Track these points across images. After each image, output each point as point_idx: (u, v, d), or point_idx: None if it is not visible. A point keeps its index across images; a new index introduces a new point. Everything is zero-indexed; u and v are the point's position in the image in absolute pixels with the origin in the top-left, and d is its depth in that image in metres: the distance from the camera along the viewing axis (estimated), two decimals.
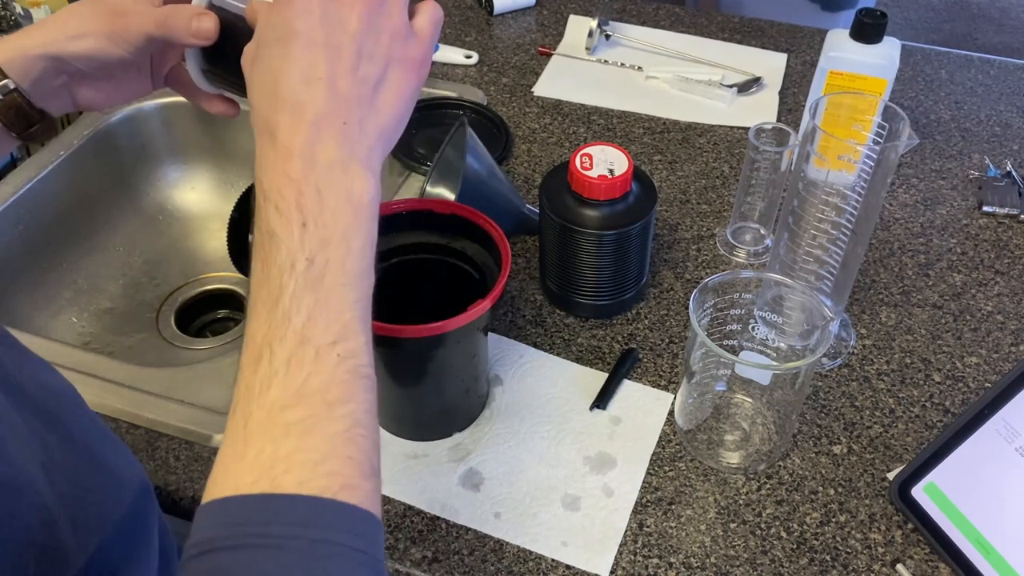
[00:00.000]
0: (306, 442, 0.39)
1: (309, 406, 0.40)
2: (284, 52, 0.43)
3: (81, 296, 1.03)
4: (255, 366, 0.40)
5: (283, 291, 0.41)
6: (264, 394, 0.40)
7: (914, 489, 0.66)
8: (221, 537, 0.38)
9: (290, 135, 0.42)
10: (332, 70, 0.43)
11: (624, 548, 0.66)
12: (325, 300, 0.41)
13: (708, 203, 0.97)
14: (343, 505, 0.38)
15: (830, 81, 0.88)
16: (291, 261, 0.41)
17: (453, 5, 1.29)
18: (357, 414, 0.41)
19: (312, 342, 0.40)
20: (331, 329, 0.41)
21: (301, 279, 0.41)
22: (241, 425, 0.40)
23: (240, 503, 0.38)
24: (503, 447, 0.73)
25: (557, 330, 0.83)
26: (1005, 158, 1.02)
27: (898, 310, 0.85)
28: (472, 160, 0.84)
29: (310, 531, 0.37)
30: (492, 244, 0.69)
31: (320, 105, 0.43)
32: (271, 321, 0.41)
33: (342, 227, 0.42)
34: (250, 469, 0.39)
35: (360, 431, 0.41)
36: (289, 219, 0.41)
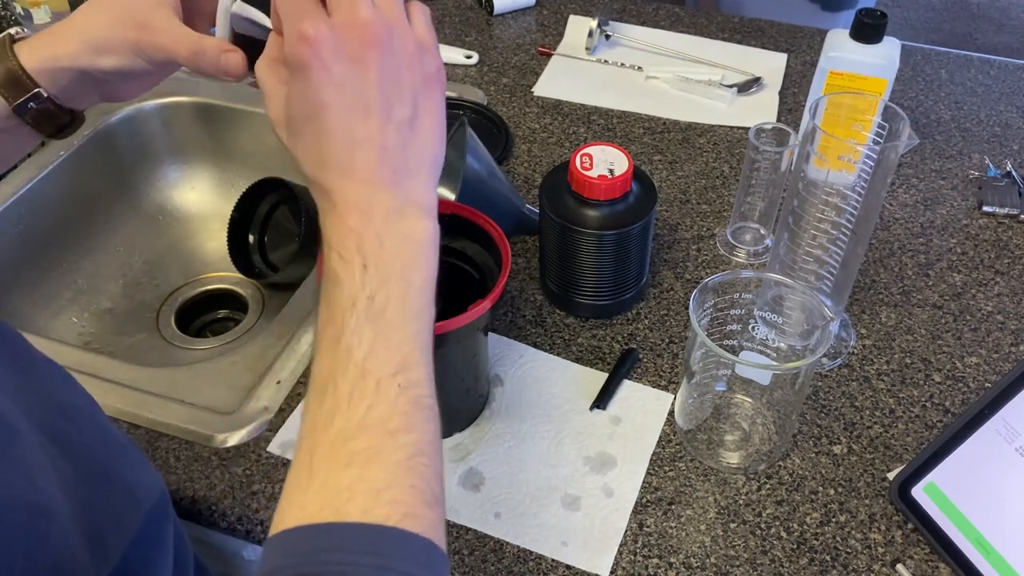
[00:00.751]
0: (368, 471, 0.40)
1: (371, 436, 0.41)
2: (319, 127, 0.44)
3: (81, 296, 1.03)
4: (320, 401, 0.42)
5: (344, 327, 0.42)
6: (328, 427, 0.41)
7: (914, 489, 0.66)
8: (288, 566, 0.38)
9: (344, 195, 0.44)
10: (369, 129, 0.44)
11: (624, 548, 0.66)
12: (386, 334, 0.43)
13: (708, 203, 0.97)
14: (405, 533, 0.39)
15: (830, 81, 0.88)
16: (352, 300, 0.43)
17: (453, 5, 1.29)
18: (419, 443, 0.42)
19: (373, 374, 0.42)
20: (392, 361, 0.42)
21: (362, 315, 0.43)
22: (307, 459, 0.41)
23: (305, 532, 0.39)
24: (503, 447, 0.73)
25: (557, 330, 0.83)
26: (1005, 158, 1.02)
27: (898, 310, 0.85)
28: (472, 160, 0.84)
29: (375, 559, 0.38)
30: (492, 244, 0.69)
31: (368, 164, 0.44)
32: (334, 357, 0.42)
33: (401, 266, 0.44)
34: (314, 500, 0.40)
35: (422, 460, 0.42)
36: (350, 263, 0.43)
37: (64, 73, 0.56)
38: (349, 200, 0.44)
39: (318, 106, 0.44)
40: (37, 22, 1.16)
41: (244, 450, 0.72)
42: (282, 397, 0.76)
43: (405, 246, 0.44)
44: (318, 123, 0.44)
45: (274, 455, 0.72)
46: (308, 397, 0.43)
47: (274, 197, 1.07)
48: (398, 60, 0.44)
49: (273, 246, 1.08)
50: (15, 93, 0.55)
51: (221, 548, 0.75)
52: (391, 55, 0.44)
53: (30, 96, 0.55)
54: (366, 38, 0.43)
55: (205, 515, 0.70)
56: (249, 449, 0.73)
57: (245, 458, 0.72)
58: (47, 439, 0.46)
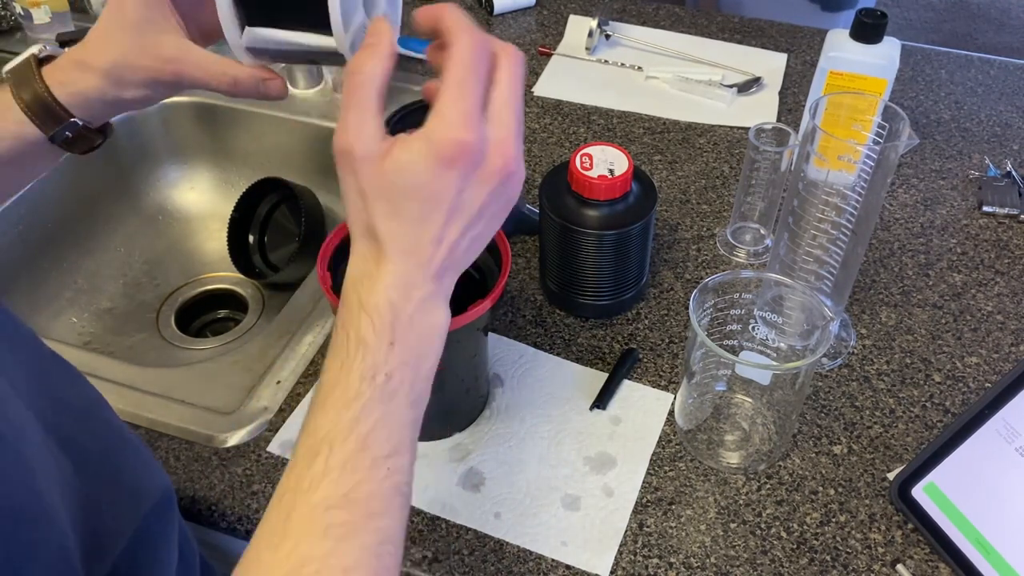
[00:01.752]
0: (341, 547, 0.41)
1: (352, 512, 0.42)
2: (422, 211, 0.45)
3: (81, 296, 1.03)
4: (310, 461, 0.42)
5: (359, 396, 0.43)
6: (312, 491, 0.42)
7: (914, 489, 0.66)
8: None
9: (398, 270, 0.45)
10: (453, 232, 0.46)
11: (624, 548, 0.66)
12: (391, 414, 0.44)
13: (708, 203, 0.97)
14: None
15: (830, 81, 0.88)
16: (373, 372, 0.44)
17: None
18: (390, 531, 0.43)
19: (371, 451, 0.43)
20: (389, 443, 0.44)
21: (378, 391, 0.44)
22: (283, 517, 0.42)
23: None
24: (503, 447, 0.73)
25: (557, 330, 0.83)
26: (1005, 158, 1.02)
27: (898, 310, 0.85)
28: None
29: None
30: (492, 244, 0.69)
31: (434, 257, 0.46)
32: (338, 421, 0.43)
33: (420, 352, 0.46)
34: (283, 564, 0.40)
35: (390, 548, 0.43)
36: (381, 335, 0.44)
37: (94, 104, 0.56)
38: (399, 273, 0.45)
39: (433, 194, 0.44)
40: (37, 22, 1.16)
41: (244, 450, 0.73)
42: (282, 397, 0.76)
43: (428, 333, 0.46)
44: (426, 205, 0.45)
45: (274, 455, 0.72)
46: (297, 450, 0.44)
47: (274, 197, 1.07)
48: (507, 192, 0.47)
49: (273, 246, 1.08)
50: (49, 122, 0.55)
51: (221, 548, 0.75)
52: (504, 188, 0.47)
53: (65, 125, 0.56)
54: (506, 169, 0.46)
55: (205, 515, 0.70)
56: (249, 449, 0.73)
57: (245, 458, 0.72)
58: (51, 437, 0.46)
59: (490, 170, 0.45)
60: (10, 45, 1.17)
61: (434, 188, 0.44)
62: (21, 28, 1.19)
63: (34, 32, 1.17)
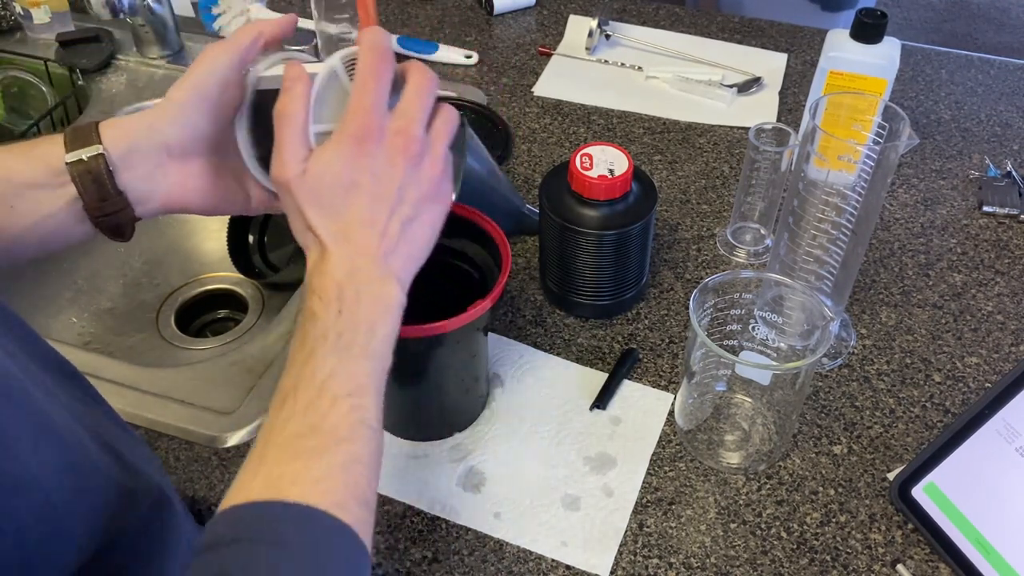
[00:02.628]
0: (312, 464, 0.45)
1: (320, 438, 0.46)
2: (346, 200, 0.51)
3: (81, 296, 1.03)
4: (279, 409, 0.48)
5: (313, 354, 0.48)
6: (284, 427, 0.47)
7: (914, 489, 0.66)
8: (228, 534, 0.43)
9: (340, 257, 0.51)
10: (378, 215, 0.52)
11: (624, 548, 0.66)
12: (347, 364, 0.49)
13: (708, 203, 0.97)
14: (334, 519, 0.44)
15: (830, 81, 0.88)
16: (324, 334, 0.49)
17: (453, 5, 1.29)
18: (359, 454, 0.48)
19: (330, 392, 0.48)
20: (348, 384, 0.48)
21: (331, 346, 0.49)
22: (260, 451, 0.47)
23: (248, 508, 0.44)
24: (503, 447, 0.73)
25: (557, 330, 0.83)
26: (1005, 158, 1.02)
27: (898, 310, 0.85)
28: (472, 160, 0.84)
29: (307, 532, 0.43)
30: (492, 244, 0.69)
31: (368, 240, 0.52)
32: (300, 373, 0.48)
33: (370, 319, 0.50)
34: (261, 483, 0.45)
35: (359, 468, 0.47)
36: (328, 306, 0.50)
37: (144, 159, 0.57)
38: (342, 259, 0.51)
39: (352, 183, 0.51)
40: (37, 22, 1.16)
41: (244, 450, 0.72)
42: None
43: (377, 305, 0.51)
44: (348, 196, 0.51)
45: None
46: (270, 407, 0.49)
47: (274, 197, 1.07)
48: (420, 175, 0.53)
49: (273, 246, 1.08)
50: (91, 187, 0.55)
51: None
52: (417, 169, 0.53)
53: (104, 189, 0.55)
54: (408, 149, 0.52)
55: (205, 515, 0.70)
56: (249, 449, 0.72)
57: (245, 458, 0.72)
58: None
59: (394, 149, 0.52)
60: (10, 45, 1.17)
61: (350, 176, 0.51)
62: (21, 28, 1.19)
63: (34, 32, 1.18)
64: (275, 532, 0.43)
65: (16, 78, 1.16)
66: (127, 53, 1.17)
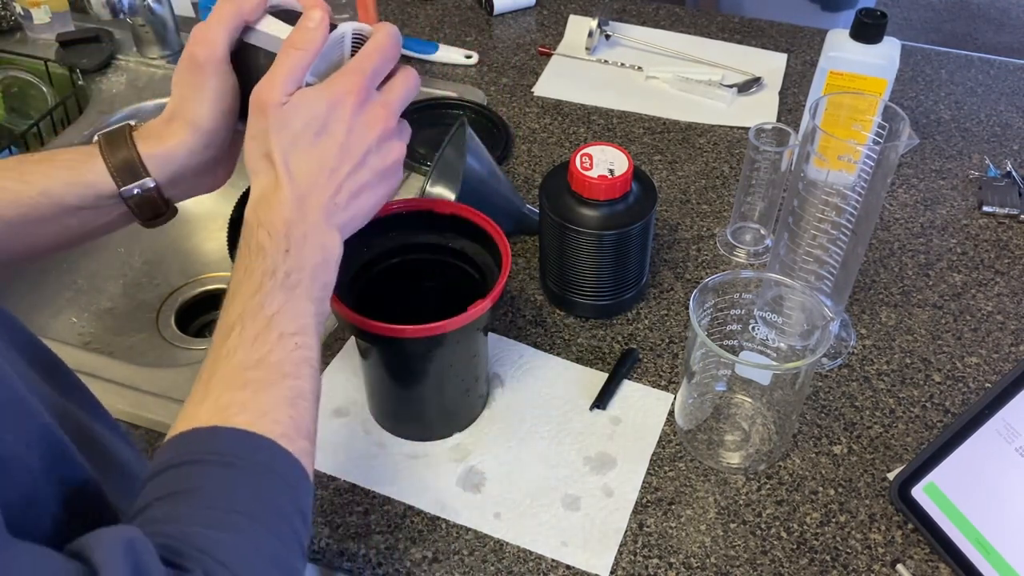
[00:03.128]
0: (259, 396, 0.47)
1: (267, 371, 0.48)
2: (315, 142, 0.53)
3: (81, 296, 1.03)
4: (225, 338, 0.49)
5: (262, 287, 0.50)
6: (230, 358, 0.48)
7: (914, 489, 0.66)
8: (176, 458, 0.45)
9: (292, 195, 0.52)
10: (340, 170, 0.54)
11: (624, 548, 0.66)
12: (293, 303, 0.50)
13: (708, 203, 0.97)
14: (281, 448, 0.46)
15: (830, 81, 0.88)
16: (273, 269, 0.50)
17: (453, 5, 1.29)
18: (303, 389, 0.49)
19: (277, 328, 0.49)
20: (294, 323, 0.50)
21: (278, 283, 0.50)
22: (205, 381, 0.48)
23: (196, 433, 0.46)
24: (503, 447, 0.73)
25: (557, 330, 0.83)
26: (1005, 158, 1.02)
27: (898, 310, 0.85)
28: (472, 160, 0.84)
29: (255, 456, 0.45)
30: (492, 244, 0.69)
31: (324, 193, 0.53)
32: (247, 306, 0.49)
33: (313, 264, 0.52)
34: (207, 411, 0.46)
35: (303, 402, 0.49)
36: (277, 243, 0.51)
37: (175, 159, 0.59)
38: (294, 197, 0.52)
39: (324, 127, 0.53)
40: (37, 22, 1.16)
41: None
42: None
43: (320, 252, 0.53)
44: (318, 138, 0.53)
45: None
46: (214, 338, 0.50)
47: None
48: (388, 149, 0.56)
49: None
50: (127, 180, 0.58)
51: None
52: (387, 143, 0.56)
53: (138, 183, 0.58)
54: (387, 123, 0.55)
55: None
56: None
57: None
58: None
59: (374, 117, 0.54)
60: (10, 45, 1.17)
61: (327, 120, 0.52)
62: (21, 28, 1.19)
63: (34, 32, 1.18)
64: (224, 454, 0.44)
65: (16, 78, 1.16)
66: (127, 53, 1.17)
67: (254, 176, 0.54)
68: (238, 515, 0.43)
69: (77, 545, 0.39)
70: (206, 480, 0.44)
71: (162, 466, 0.44)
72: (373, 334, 0.63)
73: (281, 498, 0.45)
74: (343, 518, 0.68)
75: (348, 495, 0.70)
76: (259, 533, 0.43)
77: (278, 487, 0.45)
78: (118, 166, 0.57)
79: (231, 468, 0.44)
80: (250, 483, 0.44)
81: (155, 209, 0.60)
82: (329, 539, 0.67)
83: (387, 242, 0.73)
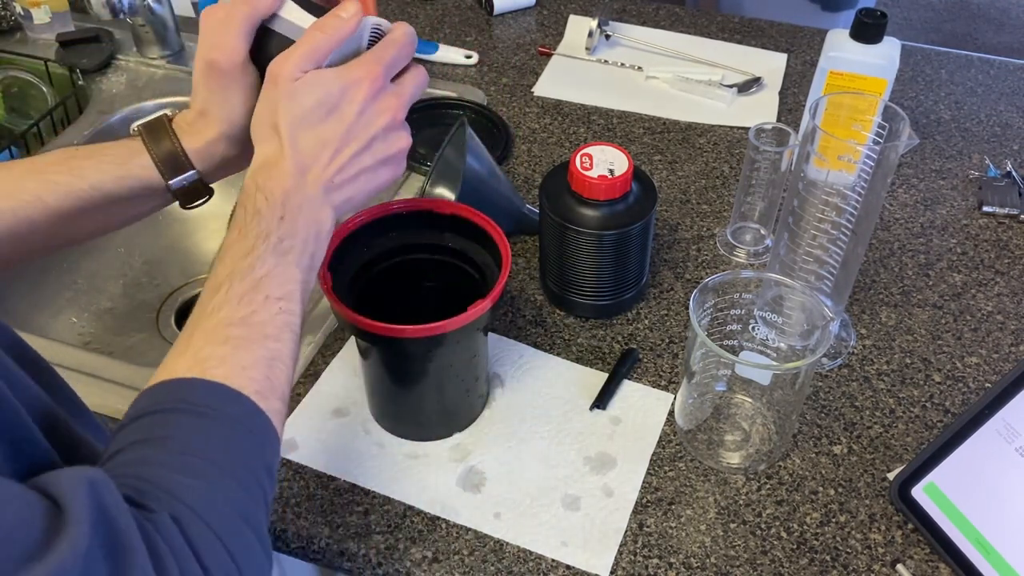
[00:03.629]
0: (239, 352, 0.48)
1: (249, 330, 0.49)
2: (325, 119, 0.54)
3: (81, 296, 1.03)
4: (213, 294, 0.50)
5: (254, 249, 0.51)
6: (215, 314, 0.49)
7: (914, 489, 0.66)
8: (150, 406, 0.45)
9: (294, 166, 0.54)
10: (345, 152, 0.55)
11: (624, 548, 0.66)
12: (283, 268, 0.52)
13: (708, 203, 0.97)
14: (255, 405, 0.47)
15: (830, 81, 0.88)
16: (267, 233, 0.52)
17: (453, 5, 1.29)
18: (282, 353, 0.50)
19: (264, 290, 0.50)
20: (281, 288, 0.51)
21: (271, 247, 0.51)
22: (188, 334, 0.49)
23: (172, 383, 0.46)
24: (503, 447, 0.73)
25: (557, 330, 0.83)
26: (1005, 158, 1.02)
27: (898, 310, 0.85)
28: (472, 160, 0.84)
29: (228, 408, 0.46)
30: (492, 244, 0.69)
31: (325, 169, 0.55)
32: (237, 266, 0.50)
33: (306, 234, 0.53)
34: (186, 363, 0.47)
35: (281, 365, 0.50)
36: (273, 209, 0.52)
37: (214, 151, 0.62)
38: (295, 169, 0.53)
39: (335, 107, 0.54)
40: (37, 22, 1.16)
41: None
42: None
43: (313, 225, 0.54)
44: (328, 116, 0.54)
45: None
46: (202, 295, 0.51)
47: None
48: (394, 138, 0.57)
49: None
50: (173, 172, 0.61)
51: None
52: (393, 132, 0.57)
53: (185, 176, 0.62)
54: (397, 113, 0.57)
55: None
56: None
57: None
58: None
59: (385, 106, 0.56)
60: (10, 45, 1.17)
61: (339, 101, 0.54)
62: (21, 28, 1.19)
63: (34, 32, 1.18)
64: (198, 404, 0.45)
65: (16, 78, 1.16)
66: (127, 53, 1.17)
67: (258, 143, 0.55)
68: (208, 463, 0.44)
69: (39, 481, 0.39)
70: (179, 428, 0.44)
71: (137, 413, 0.45)
72: (373, 334, 0.63)
73: (250, 452, 0.46)
74: (343, 518, 0.68)
75: (348, 495, 0.70)
76: (227, 483, 0.44)
77: (248, 441, 0.46)
78: (164, 160, 0.60)
79: (204, 418, 0.45)
80: (222, 434, 0.45)
81: (198, 195, 0.63)
82: (329, 539, 0.67)
83: (387, 242, 0.73)
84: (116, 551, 0.37)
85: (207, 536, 0.41)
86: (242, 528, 0.43)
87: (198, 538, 0.41)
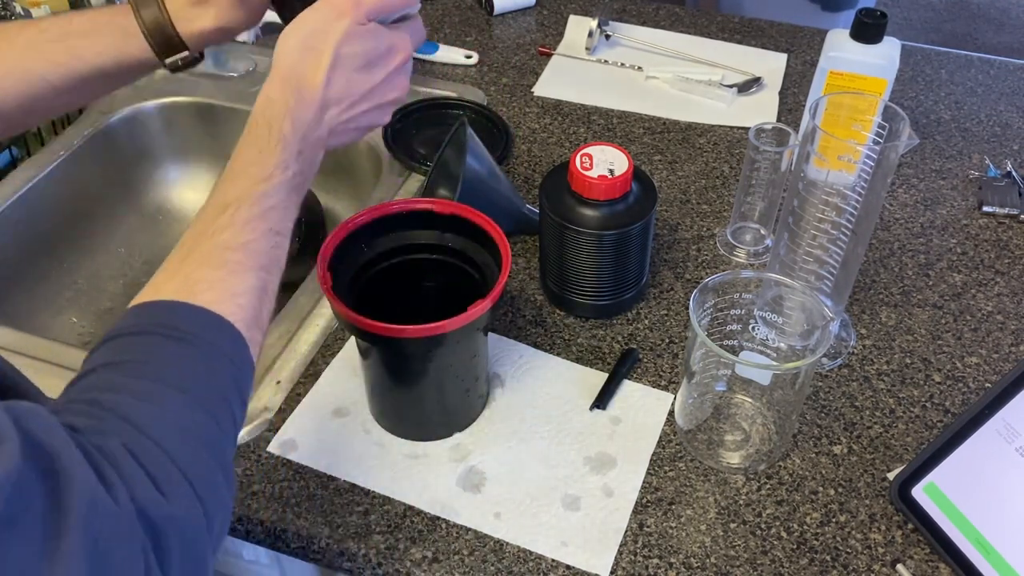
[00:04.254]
0: (232, 278, 0.48)
1: (246, 256, 0.49)
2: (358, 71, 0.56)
3: (81, 296, 1.03)
4: (217, 214, 0.50)
5: (271, 178, 0.52)
6: (216, 235, 0.49)
7: (914, 489, 0.66)
8: (131, 327, 0.46)
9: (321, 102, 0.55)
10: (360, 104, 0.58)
11: (624, 548, 0.66)
12: (290, 202, 0.53)
13: (708, 203, 0.97)
14: (239, 334, 0.47)
15: (830, 81, 0.88)
16: (286, 164, 0.53)
17: (453, 5, 1.29)
18: (270, 284, 0.51)
19: (269, 221, 0.51)
20: (282, 223, 0.52)
21: (288, 180, 0.53)
22: (184, 254, 0.49)
23: (156, 305, 0.46)
24: (503, 447, 0.73)
25: (557, 330, 0.83)
26: (1005, 158, 1.02)
27: (898, 310, 0.85)
28: (472, 160, 0.84)
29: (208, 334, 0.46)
30: (492, 244, 0.69)
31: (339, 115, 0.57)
32: (250, 190, 0.51)
33: (310, 173, 0.56)
34: (176, 285, 0.47)
35: (267, 298, 0.51)
36: (297, 139, 0.54)
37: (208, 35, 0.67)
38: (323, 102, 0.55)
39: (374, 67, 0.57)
40: None
41: (244, 450, 0.72)
42: (282, 397, 0.76)
43: (316, 165, 0.57)
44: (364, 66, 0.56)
45: (274, 455, 0.72)
46: (205, 209, 0.51)
47: None
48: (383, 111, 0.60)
49: None
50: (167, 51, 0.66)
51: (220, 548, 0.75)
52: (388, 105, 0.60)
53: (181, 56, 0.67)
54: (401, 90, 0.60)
55: None
56: (249, 449, 0.73)
57: (245, 458, 0.72)
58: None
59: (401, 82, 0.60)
60: None
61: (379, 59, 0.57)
62: None
63: None
64: (179, 329, 0.45)
65: None
66: None
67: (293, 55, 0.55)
68: (178, 391, 0.43)
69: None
70: (155, 353, 0.44)
71: (117, 332, 0.45)
72: (373, 334, 0.63)
73: (226, 380, 0.46)
74: (343, 518, 0.68)
75: (348, 495, 0.70)
76: (195, 411, 0.43)
77: (225, 369, 0.46)
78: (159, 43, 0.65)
79: (182, 343, 0.45)
80: (199, 361, 0.45)
81: (191, 64, 0.67)
82: (329, 539, 0.67)
83: (387, 242, 0.73)
84: (52, 472, 0.36)
85: (164, 463, 0.40)
86: (204, 457, 0.43)
87: (153, 466, 0.40)
